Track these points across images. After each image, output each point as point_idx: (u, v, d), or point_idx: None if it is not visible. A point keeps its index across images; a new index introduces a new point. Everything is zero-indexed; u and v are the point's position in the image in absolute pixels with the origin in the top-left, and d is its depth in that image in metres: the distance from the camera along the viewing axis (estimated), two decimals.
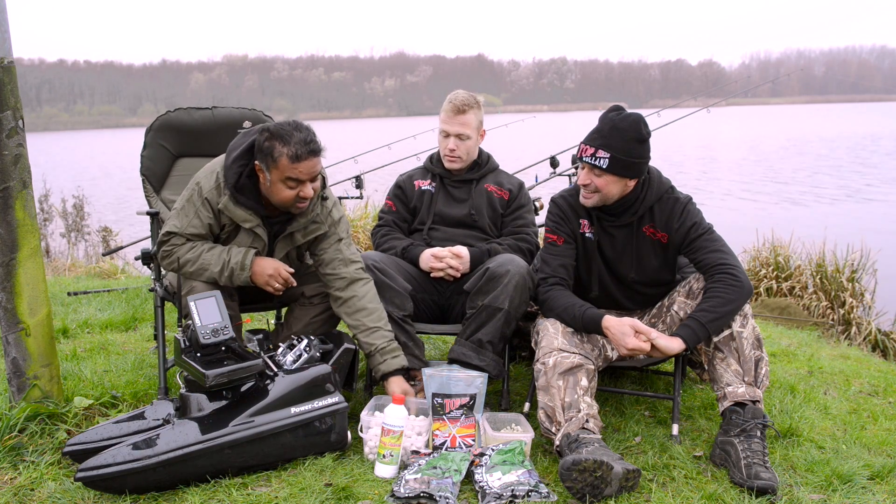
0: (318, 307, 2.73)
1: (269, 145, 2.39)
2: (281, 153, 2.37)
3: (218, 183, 2.48)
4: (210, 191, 2.48)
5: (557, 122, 41.49)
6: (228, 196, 2.47)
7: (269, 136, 2.40)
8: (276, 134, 2.38)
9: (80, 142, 60.49)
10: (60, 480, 2.09)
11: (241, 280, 2.50)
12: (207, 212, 2.49)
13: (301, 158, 2.37)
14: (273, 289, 2.55)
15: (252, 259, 2.50)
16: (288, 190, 2.42)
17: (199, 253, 2.48)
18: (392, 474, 2.18)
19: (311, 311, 2.73)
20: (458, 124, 2.89)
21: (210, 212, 2.50)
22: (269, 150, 2.38)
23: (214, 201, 2.48)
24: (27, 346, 2.35)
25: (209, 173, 2.52)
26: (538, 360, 2.38)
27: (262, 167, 2.43)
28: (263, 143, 2.40)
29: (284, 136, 2.37)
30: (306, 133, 2.40)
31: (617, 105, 2.48)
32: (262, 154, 2.41)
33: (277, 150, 2.37)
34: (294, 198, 2.44)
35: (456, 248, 2.83)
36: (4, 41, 2.23)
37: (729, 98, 9.00)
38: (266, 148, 2.39)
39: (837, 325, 5.75)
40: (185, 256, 2.49)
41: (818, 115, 65.02)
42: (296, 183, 2.41)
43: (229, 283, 2.51)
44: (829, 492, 2.13)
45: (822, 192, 15.28)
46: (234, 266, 2.47)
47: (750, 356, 2.33)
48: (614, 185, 2.44)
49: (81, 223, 9.67)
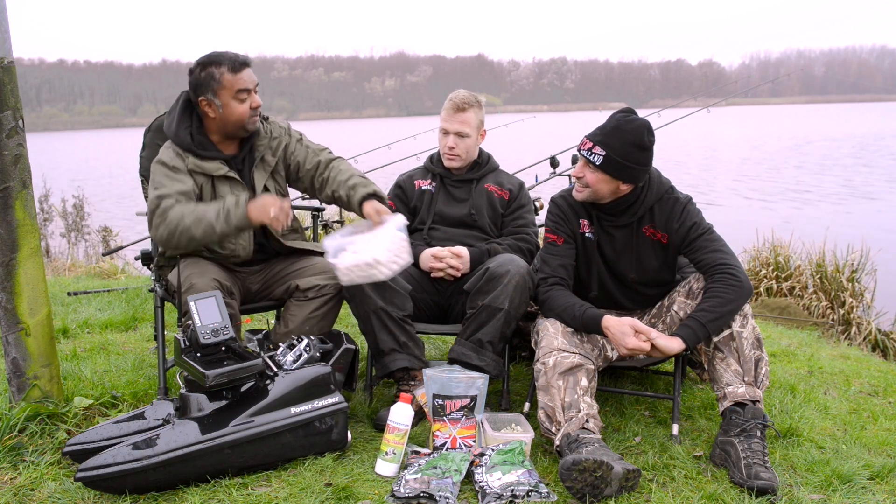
0: (314, 302, 2.72)
1: (206, 73, 2.56)
2: (221, 72, 2.54)
3: (175, 151, 2.61)
4: (173, 159, 2.59)
5: (557, 122, 41.50)
6: (192, 154, 2.60)
7: (201, 67, 2.57)
8: (206, 62, 2.57)
9: (80, 142, 60.49)
10: (60, 480, 2.10)
11: (239, 217, 2.48)
12: (182, 174, 2.58)
13: (239, 68, 2.56)
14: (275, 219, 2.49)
15: (247, 197, 2.54)
16: (241, 104, 2.57)
17: (194, 206, 2.52)
18: (393, 472, 2.19)
19: (307, 308, 2.72)
20: (458, 122, 2.90)
21: (184, 174, 2.58)
22: (209, 77, 2.55)
23: (182, 167, 2.59)
24: (27, 346, 2.35)
25: (163, 150, 2.64)
26: (538, 360, 2.38)
27: (208, 99, 2.57)
28: (200, 76, 2.57)
29: (215, 59, 2.56)
30: (229, 51, 2.60)
31: (629, 108, 2.48)
32: (204, 86, 2.56)
33: (217, 72, 2.54)
34: (248, 111, 2.59)
35: (456, 248, 2.83)
36: (4, 41, 2.23)
37: (729, 98, 9.00)
38: (205, 77, 2.56)
39: (837, 325, 5.75)
40: (179, 210, 2.50)
41: (818, 115, 65.02)
42: (246, 94, 2.57)
43: (226, 227, 2.48)
44: (829, 492, 2.13)
45: (823, 192, 15.29)
46: (230, 205, 2.49)
47: (750, 356, 2.33)
48: (604, 185, 2.44)
49: (81, 223, 9.67)
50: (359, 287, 2.60)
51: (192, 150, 2.60)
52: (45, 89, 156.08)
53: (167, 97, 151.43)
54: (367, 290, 2.60)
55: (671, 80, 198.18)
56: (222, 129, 2.64)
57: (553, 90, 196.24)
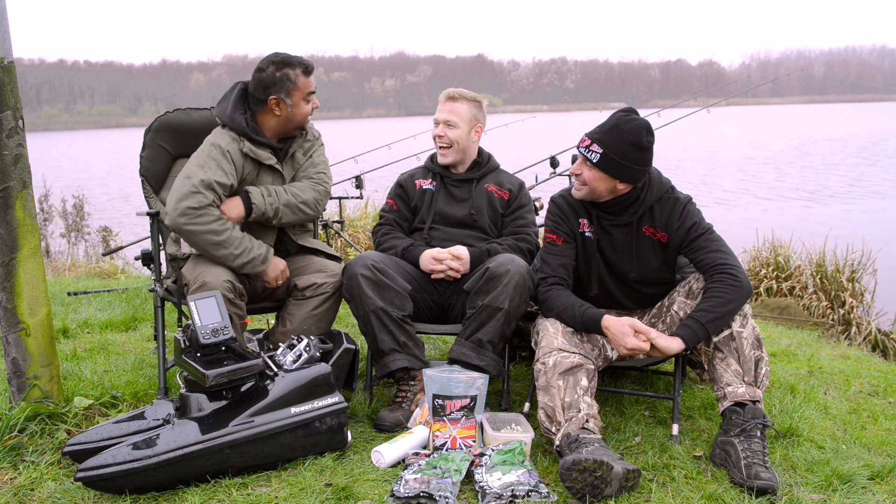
0: (312, 301, 2.74)
1: (281, 74, 2.67)
2: (297, 74, 2.68)
3: (231, 136, 2.68)
4: (229, 143, 2.67)
5: (557, 122, 41.51)
6: (248, 140, 2.68)
7: (275, 67, 2.68)
8: (280, 63, 2.68)
9: (80, 142, 60.48)
10: (60, 480, 2.10)
11: (257, 271, 2.64)
12: (230, 164, 2.64)
13: (310, 71, 2.73)
14: (276, 284, 2.72)
15: (271, 255, 2.69)
16: (306, 105, 2.73)
17: (226, 228, 2.58)
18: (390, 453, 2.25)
19: (305, 307, 2.73)
20: (447, 111, 2.93)
21: (231, 164, 2.65)
22: (285, 77, 2.67)
23: (236, 151, 2.66)
24: (27, 346, 2.35)
25: (219, 134, 2.71)
26: (538, 360, 2.38)
27: (279, 98, 2.68)
28: (276, 76, 2.67)
29: (289, 61, 2.69)
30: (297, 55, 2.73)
31: (630, 108, 2.48)
32: (278, 85, 2.67)
33: (293, 74, 2.68)
34: (310, 112, 2.76)
35: (455, 249, 2.82)
36: (4, 41, 2.23)
37: (729, 98, 9.01)
38: (279, 78, 2.67)
39: (837, 325, 5.75)
40: (212, 226, 2.55)
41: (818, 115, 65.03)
42: (311, 96, 2.74)
43: (240, 269, 2.60)
44: (829, 492, 2.13)
45: (823, 192, 15.28)
46: (257, 257, 2.62)
47: (750, 356, 2.33)
48: (601, 183, 2.44)
49: (81, 223, 9.66)
50: (359, 287, 2.61)
51: (248, 135, 2.69)
52: (45, 89, 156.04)
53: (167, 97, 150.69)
54: (366, 291, 2.60)
55: (671, 80, 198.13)
56: (283, 126, 2.75)
57: (553, 90, 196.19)
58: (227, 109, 2.71)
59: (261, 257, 2.63)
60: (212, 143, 2.68)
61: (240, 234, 2.61)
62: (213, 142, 2.69)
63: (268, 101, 2.68)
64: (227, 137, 2.68)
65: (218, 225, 2.55)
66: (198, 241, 2.56)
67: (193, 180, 2.56)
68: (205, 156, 2.64)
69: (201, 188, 2.54)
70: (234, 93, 2.75)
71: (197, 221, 2.53)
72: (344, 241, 6.08)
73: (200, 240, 2.54)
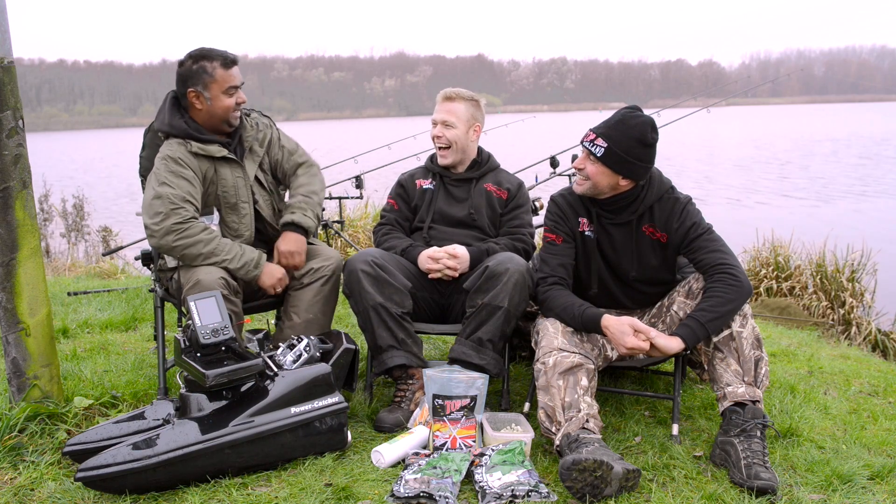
0: (313, 287, 2.78)
1: (198, 67, 2.65)
2: (214, 67, 2.65)
3: (177, 142, 2.69)
4: (177, 150, 2.67)
5: (557, 122, 41.48)
6: (193, 140, 2.68)
7: (192, 60, 2.66)
8: (198, 56, 2.67)
9: (80, 142, 60.47)
10: (60, 480, 2.10)
11: (250, 276, 2.63)
12: (188, 170, 2.65)
13: (230, 65, 2.68)
14: (274, 290, 2.72)
15: (265, 260, 2.68)
16: (228, 98, 2.68)
17: (215, 237, 2.60)
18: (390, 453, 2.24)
19: (308, 293, 2.77)
20: (444, 111, 2.93)
21: (188, 168, 2.66)
22: (201, 70, 2.65)
23: (187, 154, 2.67)
24: (27, 346, 2.35)
25: (166, 147, 2.70)
26: (538, 360, 2.38)
27: (197, 91, 2.66)
28: (192, 68, 2.65)
29: (207, 54, 2.67)
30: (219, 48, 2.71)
31: (636, 105, 2.49)
32: (195, 78, 2.65)
33: (210, 66, 2.65)
34: (233, 106, 2.70)
35: (452, 248, 2.82)
36: (4, 41, 2.23)
37: (729, 98, 9.00)
38: (196, 70, 2.65)
39: (837, 325, 5.75)
40: (200, 236, 2.57)
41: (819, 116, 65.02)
42: (234, 90, 2.68)
43: (234, 274, 2.60)
44: (829, 492, 2.13)
45: (823, 192, 15.28)
46: (249, 261, 2.62)
47: (750, 356, 2.33)
48: (604, 178, 2.44)
49: (81, 223, 9.67)
50: (358, 282, 2.62)
51: (192, 135, 2.69)
52: (45, 89, 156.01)
53: None
54: (366, 286, 2.61)
55: (671, 80, 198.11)
56: (207, 121, 2.73)
57: (553, 90, 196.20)
58: (165, 118, 2.72)
59: (253, 262, 2.63)
60: (162, 157, 2.67)
61: (228, 240, 2.64)
62: (162, 156, 2.68)
63: (187, 94, 2.68)
64: (173, 145, 2.69)
65: (205, 234, 2.58)
66: (188, 255, 2.57)
67: (167, 199, 2.57)
68: (164, 172, 2.63)
69: (179, 202, 2.57)
70: (167, 102, 2.76)
71: (185, 235, 2.55)
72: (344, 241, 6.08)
73: (191, 252, 2.56)
